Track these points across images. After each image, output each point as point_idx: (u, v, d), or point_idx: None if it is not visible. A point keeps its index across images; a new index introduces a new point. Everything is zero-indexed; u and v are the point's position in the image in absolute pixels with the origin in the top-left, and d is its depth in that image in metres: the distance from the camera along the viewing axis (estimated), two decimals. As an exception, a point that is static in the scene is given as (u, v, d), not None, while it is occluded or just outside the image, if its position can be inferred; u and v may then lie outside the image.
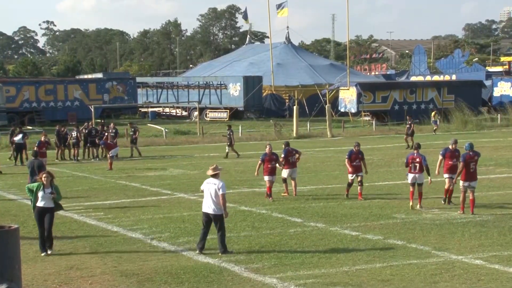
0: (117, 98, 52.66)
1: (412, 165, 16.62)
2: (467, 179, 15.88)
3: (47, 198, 12.60)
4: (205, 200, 12.56)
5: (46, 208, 12.61)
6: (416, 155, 16.61)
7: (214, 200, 12.42)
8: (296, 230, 14.39)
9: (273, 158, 18.51)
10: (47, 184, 12.60)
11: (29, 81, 55.76)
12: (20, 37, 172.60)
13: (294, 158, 19.07)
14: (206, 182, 12.67)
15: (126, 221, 15.78)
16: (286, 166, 18.84)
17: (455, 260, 11.80)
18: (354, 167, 18.22)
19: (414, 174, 16.63)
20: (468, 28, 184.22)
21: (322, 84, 55.75)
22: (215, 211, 12.45)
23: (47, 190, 12.59)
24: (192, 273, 11.22)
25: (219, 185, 12.39)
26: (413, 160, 16.60)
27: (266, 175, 18.37)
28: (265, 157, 18.45)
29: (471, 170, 15.90)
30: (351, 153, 18.44)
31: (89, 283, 10.85)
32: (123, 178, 23.72)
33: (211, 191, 12.43)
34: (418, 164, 16.50)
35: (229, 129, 30.33)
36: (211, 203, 12.44)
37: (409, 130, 33.65)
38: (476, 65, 78.21)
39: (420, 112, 50.13)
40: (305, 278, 10.81)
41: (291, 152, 19.05)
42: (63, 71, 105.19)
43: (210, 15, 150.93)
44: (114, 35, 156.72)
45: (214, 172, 12.56)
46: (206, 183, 12.64)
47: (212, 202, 12.43)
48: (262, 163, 18.50)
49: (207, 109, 55.06)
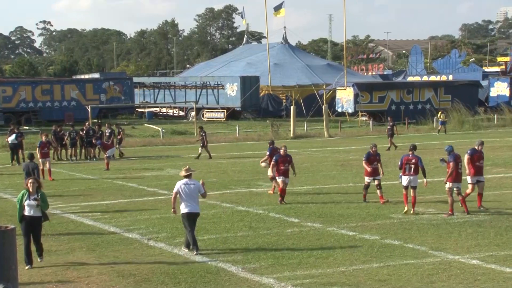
0: (114, 98, 52.56)
1: (407, 166, 16.00)
2: (456, 180, 15.79)
3: (34, 207, 11.81)
4: (185, 201, 12.64)
5: (34, 217, 11.80)
6: (412, 156, 16.05)
7: (194, 199, 12.68)
8: (293, 230, 14.39)
9: (287, 159, 17.96)
10: (32, 191, 11.85)
11: (26, 81, 55.60)
12: (16, 37, 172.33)
13: None
14: (182, 183, 12.74)
15: (123, 221, 15.77)
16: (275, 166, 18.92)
17: (452, 260, 11.81)
18: (372, 170, 17.59)
19: (409, 176, 15.97)
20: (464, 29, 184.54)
21: (319, 84, 55.77)
22: (196, 210, 12.75)
23: (32, 197, 11.82)
24: (189, 273, 11.21)
25: (197, 185, 12.74)
26: (408, 162, 16.01)
27: (279, 176, 17.82)
28: (279, 158, 17.89)
29: (459, 171, 15.86)
30: (369, 155, 17.72)
31: (86, 283, 10.83)
32: (120, 178, 23.70)
33: (191, 191, 12.66)
34: (414, 165, 15.93)
35: (201, 131, 30.67)
36: (192, 202, 12.66)
37: (389, 131, 33.16)
38: (472, 65, 78.34)
39: (417, 112, 50.19)
40: (302, 278, 10.81)
41: (276, 151, 19.42)
42: (60, 71, 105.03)
43: (207, 15, 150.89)
44: (111, 35, 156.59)
45: (188, 173, 12.79)
46: (182, 184, 12.72)
47: (193, 201, 12.67)
48: (276, 164, 17.86)
49: (204, 109, 55.02)
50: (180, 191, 12.68)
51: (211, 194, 19.49)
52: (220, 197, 19.04)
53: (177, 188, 12.74)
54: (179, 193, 12.71)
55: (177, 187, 12.75)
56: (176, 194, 12.80)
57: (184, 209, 12.66)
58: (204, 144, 30.03)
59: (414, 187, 16.01)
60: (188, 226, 12.66)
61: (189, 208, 12.61)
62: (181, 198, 12.69)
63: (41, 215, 11.97)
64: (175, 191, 12.78)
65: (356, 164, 26.77)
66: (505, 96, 55.27)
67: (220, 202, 18.17)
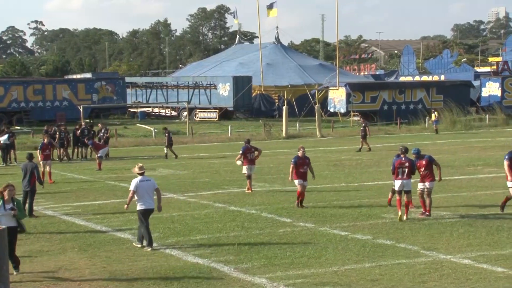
0: (106, 98, 52.44)
1: (399, 170, 15.31)
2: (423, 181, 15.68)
3: (8, 216, 10.93)
4: (143, 198, 12.98)
5: (9, 228, 10.29)
6: (404, 160, 15.37)
7: (151, 196, 13.10)
8: (286, 230, 14.40)
9: (306, 162, 17.18)
10: (8, 199, 11.03)
11: (18, 81, 55.40)
12: (8, 37, 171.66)
13: (253, 155, 19.74)
14: (139, 180, 13.02)
15: (115, 221, 15.74)
16: (245, 162, 19.57)
17: (444, 259, 11.85)
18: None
19: (402, 180, 15.27)
20: (456, 29, 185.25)
21: (312, 84, 55.81)
22: (152, 206, 13.16)
23: (7, 206, 10.99)
24: (181, 273, 11.20)
25: (152, 181, 13.21)
26: (401, 165, 15.31)
27: (297, 179, 17.02)
28: (298, 160, 17.05)
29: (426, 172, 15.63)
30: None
31: (78, 283, 10.80)
32: (112, 178, 23.65)
33: (148, 188, 13.02)
34: (407, 169, 15.26)
35: (166, 131, 30.98)
36: (149, 199, 13.06)
37: (362, 132, 32.79)
38: (464, 66, 78.57)
39: (409, 112, 50.33)
40: (294, 278, 10.82)
41: (249, 149, 19.75)
42: (52, 71, 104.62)
43: (200, 15, 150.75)
44: (103, 35, 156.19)
45: (142, 171, 13.13)
46: (139, 181, 13.01)
47: (150, 198, 13.08)
48: (294, 166, 16.97)
49: (197, 109, 54.98)
50: (138, 188, 12.97)
51: (204, 194, 19.51)
52: (212, 197, 19.03)
53: (135, 185, 13.01)
54: (136, 190, 12.98)
55: (135, 185, 13.02)
56: (133, 192, 13.04)
57: (141, 206, 13.01)
58: (169, 144, 30.36)
59: (407, 192, 15.37)
60: (144, 221, 13.01)
61: (147, 205, 13.03)
62: (138, 194, 12.99)
63: (16, 225, 11.12)
64: (133, 189, 13.02)
65: (348, 164, 26.84)
66: (496, 96, 55.49)
67: (213, 202, 18.15)
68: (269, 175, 23.76)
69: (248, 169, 19.58)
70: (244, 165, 19.62)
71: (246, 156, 19.61)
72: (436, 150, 30.26)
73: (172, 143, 30.77)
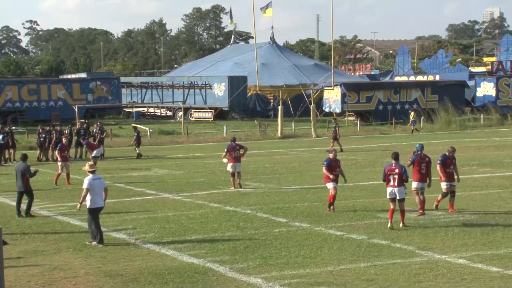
0: (101, 98, 52.35)
1: (390, 177, 14.41)
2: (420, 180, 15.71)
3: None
4: (96, 195, 13.24)
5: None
6: (395, 166, 14.47)
7: (101, 194, 13.37)
8: (281, 230, 14.40)
9: (338, 164, 16.82)
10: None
11: (12, 80, 55.26)
12: (2, 37, 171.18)
13: (237, 153, 20.28)
14: (91, 179, 13.26)
15: (110, 221, 15.71)
16: (230, 160, 20.05)
17: (439, 259, 11.87)
18: (447, 174, 16.10)
19: (392, 188, 14.43)
20: (451, 29, 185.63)
21: (307, 84, 55.85)
22: (103, 204, 13.56)
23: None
24: (177, 273, 11.19)
25: (103, 180, 13.56)
26: (390, 172, 14.43)
27: (330, 182, 16.48)
28: (331, 162, 16.63)
29: (422, 171, 15.72)
30: (445, 158, 16.16)
31: (73, 283, 10.78)
32: (107, 178, 23.55)
33: (100, 186, 13.31)
34: (398, 176, 14.34)
35: (135, 130, 31.20)
36: (100, 197, 13.35)
37: (334, 133, 32.64)
38: (459, 66, 78.80)
39: (404, 112, 50.42)
40: (290, 278, 10.82)
41: (234, 148, 20.25)
42: (47, 71, 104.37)
43: (195, 15, 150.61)
44: (98, 35, 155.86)
45: (93, 169, 13.47)
46: (92, 179, 13.25)
47: (101, 196, 13.35)
48: (328, 169, 16.49)
49: (192, 109, 54.94)
50: (92, 186, 13.17)
51: (199, 194, 19.50)
52: (207, 197, 19.02)
53: (89, 183, 13.18)
54: (90, 188, 13.17)
55: (88, 183, 13.20)
56: (87, 190, 13.19)
57: (94, 204, 13.25)
58: (135, 143, 30.56)
59: (400, 200, 14.44)
60: (94, 219, 13.27)
61: (99, 203, 13.34)
62: (91, 193, 13.20)
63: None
64: (87, 187, 13.18)
65: (343, 164, 26.80)
66: (491, 96, 55.64)
67: (208, 202, 18.15)
68: (265, 175, 23.77)
69: (232, 167, 20.13)
70: (229, 162, 20.19)
71: (230, 154, 20.20)
72: (431, 150, 30.26)
73: (140, 142, 31.04)
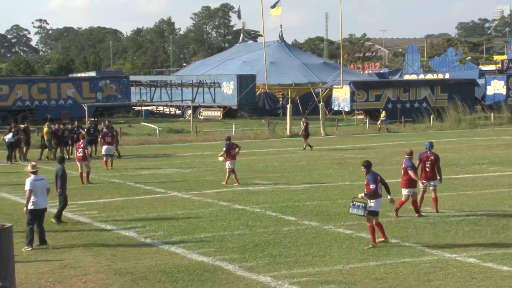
0: (111, 97, 52.47)
1: None
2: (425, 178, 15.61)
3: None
4: (39, 196, 13.07)
5: None
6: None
7: (44, 195, 13.21)
8: (290, 229, 14.39)
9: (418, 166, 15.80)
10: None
11: (22, 79, 55.49)
12: (13, 36, 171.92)
13: (234, 151, 21.05)
14: (33, 180, 13.11)
15: (120, 219, 15.75)
16: (228, 158, 20.81)
17: (449, 258, 11.83)
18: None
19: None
20: (461, 27, 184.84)
21: (316, 83, 55.75)
22: (45, 205, 13.31)
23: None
24: (186, 271, 11.21)
25: (45, 180, 13.33)
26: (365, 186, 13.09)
27: (406, 187, 15.29)
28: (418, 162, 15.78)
29: (427, 169, 15.61)
30: None
31: (83, 281, 10.82)
32: (116, 176, 23.67)
33: (42, 187, 13.13)
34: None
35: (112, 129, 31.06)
36: (43, 198, 13.17)
37: (304, 131, 32.17)
38: (469, 64, 78.43)
39: (414, 110, 50.27)
40: (299, 276, 10.81)
41: (232, 146, 21.04)
42: (56, 70, 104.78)
43: (204, 14, 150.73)
44: (107, 34, 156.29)
45: (35, 169, 13.27)
46: (34, 180, 13.10)
47: (43, 197, 13.19)
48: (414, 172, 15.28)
49: (201, 108, 54.98)
50: (34, 187, 13.04)
51: (208, 193, 19.53)
52: (216, 195, 19.04)
53: (31, 184, 13.07)
54: (33, 189, 13.05)
55: (31, 184, 13.07)
56: (31, 191, 13.07)
57: (37, 205, 13.09)
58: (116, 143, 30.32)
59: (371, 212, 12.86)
60: (32, 221, 13.09)
61: (42, 204, 13.16)
62: (34, 194, 13.07)
63: None
64: (30, 188, 13.05)
65: (352, 162, 26.79)
66: (501, 94, 55.36)
67: (217, 200, 18.16)
68: (273, 174, 23.76)
69: (231, 164, 20.93)
70: (227, 160, 20.95)
71: (229, 152, 20.93)
72: (441, 148, 30.19)
73: (118, 142, 30.56)
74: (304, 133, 32.63)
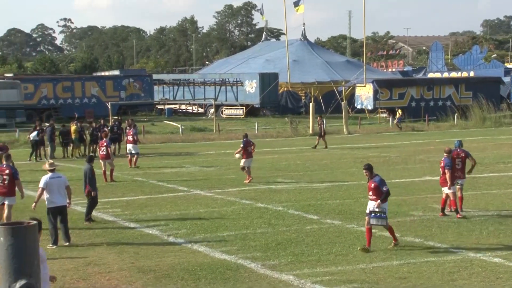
0: (134, 95, 52.84)
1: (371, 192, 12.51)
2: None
3: None
4: (55, 194, 13.03)
5: None
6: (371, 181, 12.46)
7: (62, 193, 13.11)
8: (313, 227, 14.36)
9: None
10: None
11: (47, 78, 56.10)
12: (38, 35, 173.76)
13: (251, 148, 21.23)
14: (48, 177, 13.10)
15: (143, 217, 15.85)
16: (244, 155, 20.95)
17: (473, 258, 11.71)
18: None
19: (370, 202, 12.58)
20: (486, 24, 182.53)
21: (338, 81, 55.56)
22: (63, 203, 13.22)
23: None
24: (209, 269, 11.24)
25: (63, 178, 13.34)
26: (368, 189, 12.59)
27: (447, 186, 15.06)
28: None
29: (457, 166, 15.50)
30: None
31: (107, 279, 10.90)
32: (139, 174, 23.81)
33: (58, 185, 13.07)
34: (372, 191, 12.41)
35: None
36: (60, 196, 13.09)
37: (320, 130, 32.58)
38: (494, 62, 77.53)
39: (437, 109, 49.84)
40: (321, 275, 10.78)
41: (249, 143, 21.21)
42: (80, 68, 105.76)
43: (226, 12, 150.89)
44: (130, 32, 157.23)
45: (52, 167, 13.28)
46: (49, 178, 13.08)
47: (60, 195, 13.10)
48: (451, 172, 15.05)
49: (223, 106, 55.09)
50: (49, 185, 13.04)
51: (230, 191, 19.56)
52: (239, 193, 19.06)
53: (45, 182, 13.07)
54: (46, 187, 13.04)
55: (44, 182, 13.08)
56: (43, 189, 13.09)
57: (52, 203, 13.06)
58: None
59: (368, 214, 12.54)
60: (53, 220, 13.05)
61: (58, 202, 13.08)
62: (48, 192, 13.05)
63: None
64: (42, 186, 13.07)
65: (375, 161, 26.62)
66: (527, 92, 54.67)
67: (239, 198, 18.18)
68: (296, 172, 23.72)
69: (247, 162, 21.06)
70: (243, 158, 21.04)
71: (246, 149, 21.05)
72: (465, 147, 29.80)
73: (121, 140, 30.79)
74: (320, 132, 32.69)
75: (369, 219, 12.34)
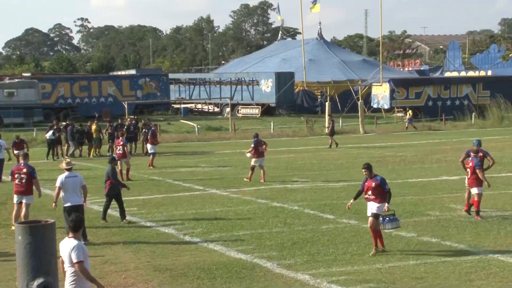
0: (150, 94, 53.04)
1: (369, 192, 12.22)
2: None
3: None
4: (69, 193, 13.04)
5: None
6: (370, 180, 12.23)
7: (77, 192, 13.14)
8: (329, 227, 14.33)
9: None
10: None
11: (64, 77, 56.50)
12: (55, 34, 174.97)
13: (262, 148, 21.20)
14: (64, 177, 13.12)
15: (159, 216, 15.91)
16: (255, 155, 20.97)
17: (491, 258, 11.62)
18: None
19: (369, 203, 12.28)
20: (504, 23, 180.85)
21: (355, 80, 55.38)
22: (80, 202, 13.28)
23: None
24: (225, 268, 11.25)
25: (80, 177, 13.38)
26: (367, 189, 12.29)
27: (476, 186, 14.83)
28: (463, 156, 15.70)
29: None
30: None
31: (123, 277, 10.96)
32: (155, 173, 23.91)
33: (74, 184, 13.08)
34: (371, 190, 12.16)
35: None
36: (75, 195, 13.11)
37: (330, 129, 32.64)
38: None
39: (455, 108, 49.51)
40: (337, 275, 10.76)
41: (260, 143, 21.23)
42: (97, 68, 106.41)
43: (242, 11, 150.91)
44: (147, 32, 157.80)
45: (69, 166, 13.28)
46: (65, 177, 13.11)
47: (76, 194, 13.12)
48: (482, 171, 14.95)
49: (239, 105, 55.12)
50: (64, 184, 13.06)
51: (246, 190, 19.57)
52: (255, 193, 19.07)
53: (61, 181, 13.09)
54: (62, 186, 13.07)
55: (61, 182, 13.10)
56: (59, 188, 13.12)
57: (67, 202, 13.07)
58: None
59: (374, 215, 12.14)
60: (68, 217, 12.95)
61: (73, 201, 13.06)
62: (65, 191, 13.06)
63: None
64: (59, 185, 13.10)
65: (392, 160, 26.52)
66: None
67: (255, 198, 18.19)
68: (312, 171, 23.68)
69: (258, 161, 21.09)
70: (254, 157, 21.09)
71: (257, 149, 21.10)
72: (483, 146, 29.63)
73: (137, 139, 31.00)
74: (330, 132, 32.70)
75: (381, 224, 12.21)
